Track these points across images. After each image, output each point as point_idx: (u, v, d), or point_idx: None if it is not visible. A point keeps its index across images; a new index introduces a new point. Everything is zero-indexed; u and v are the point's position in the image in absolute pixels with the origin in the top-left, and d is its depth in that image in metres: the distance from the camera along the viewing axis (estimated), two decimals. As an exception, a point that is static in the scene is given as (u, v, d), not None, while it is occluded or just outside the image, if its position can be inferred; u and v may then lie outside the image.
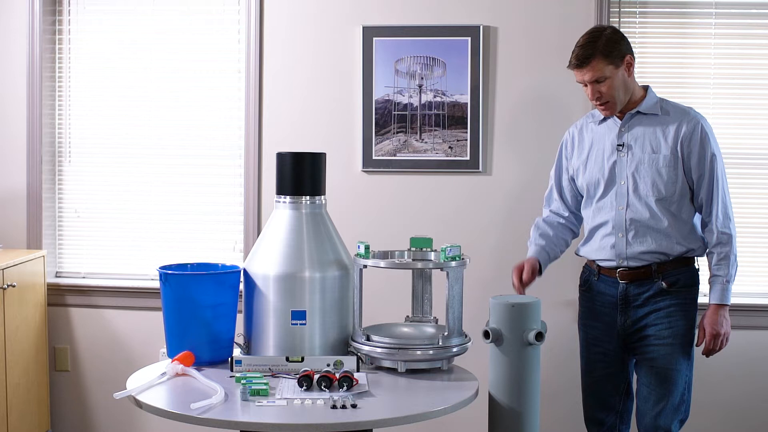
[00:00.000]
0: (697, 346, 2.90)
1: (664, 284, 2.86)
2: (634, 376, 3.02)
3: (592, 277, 3.01)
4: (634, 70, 2.92)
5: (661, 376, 2.85)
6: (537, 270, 3.03)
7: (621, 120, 2.93)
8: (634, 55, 2.92)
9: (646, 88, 2.97)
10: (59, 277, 4.07)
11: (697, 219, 2.92)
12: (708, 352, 2.89)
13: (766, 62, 3.70)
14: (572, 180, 3.08)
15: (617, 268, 2.91)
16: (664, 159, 2.85)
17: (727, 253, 2.84)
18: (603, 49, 2.83)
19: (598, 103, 2.89)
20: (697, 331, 2.91)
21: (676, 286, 2.87)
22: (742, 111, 3.71)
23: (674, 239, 2.86)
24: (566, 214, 3.13)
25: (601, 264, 2.96)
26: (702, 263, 2.98)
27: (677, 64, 3.71)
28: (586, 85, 2.89)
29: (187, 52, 3.94)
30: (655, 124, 2.89)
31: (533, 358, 2.57)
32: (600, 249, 2.95)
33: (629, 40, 2.94)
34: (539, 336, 2.54)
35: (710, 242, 2.87)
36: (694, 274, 2.93)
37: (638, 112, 2.91)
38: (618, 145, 2.91)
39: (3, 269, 3.54)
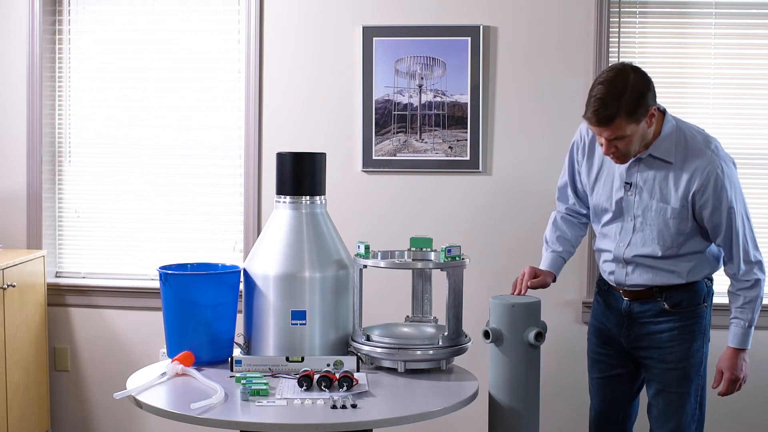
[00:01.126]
0: (713, 387, 2.78)
1: (666, 305, 2.72)
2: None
3: (603, 286, 2.91)
4: None
5: (667, 399, 2.75)
6: (547, 284, 2.89)
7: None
8: (655, 93, 2.59)
9: (663, 112, 2.67)
10: (59, 277, 4.07)
11: (712, 249, 2.75)
12: (724, 394, 2.77)
13: (766, 62, 3.70)
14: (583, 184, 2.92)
15: (620, 286, 2.80)
16: (673, 211, 2.64)
17: (754, 298, 2.68)
18: (627, 108, 2.50)
19: (611, 156, 2.64)
20: (703, 349, 2.78)
21: (680, 306, 2.72)
22: (742, 111, 3.71)
23: (677, 274, 2.70)
24: (584, 211, 2.95)
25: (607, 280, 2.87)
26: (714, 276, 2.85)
27: (677, 64, 3.71)
28: (600, 134, 2.60)
29: (187, 52, 3.94)
30: (667, 169, 2.65)
31: (533, 358, 2.57)
32: (603, 270, 2.85)
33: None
34: (539, 336, 2.54)
35: (734, 285, 2.71)
36: (701, 291, 2.75)
37: (650, 155, 2.66)
38: (626, 182, 2.71)
39: (3, 269, 3.54)
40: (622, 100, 2.50)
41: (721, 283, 2.89)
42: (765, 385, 3.71)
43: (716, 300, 2.86)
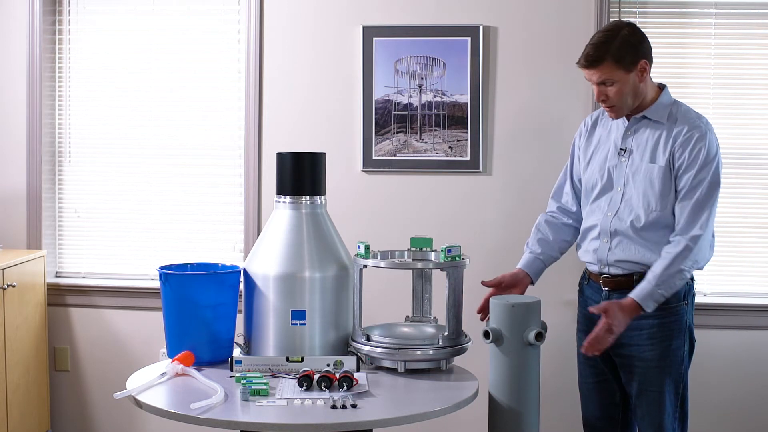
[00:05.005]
0: (589, 312, 2.72)
1: None
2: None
3: (584, 281, 2.93)
4: (650, 73, 2.75)
5: (650, 398, 2.74)
6: (503, 282, 2.91)
7: (629, 122, 2.80)
8: (652, 58, 2.74)
9: (662, 88, 2.79)
10: (59, 277, 4.07)
11: None
12: (590, 345, 2.66)
13: (766, 62, 3.70)
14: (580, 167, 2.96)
15: (601, 274, 2.80)
16: (659, 170, 2.69)
17: (673, 258, 2.61)
18: (615, 53, 2.66)
19: (604, 105, 2.76)
20: (684, 347, 2.74)
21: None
22: (742, 111, 3.71)
23: (659, 253, 2.68)
24: (574, 209, 2.98)
25: (589, 268, 2.88)
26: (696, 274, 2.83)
27: (677, 64, 3.71)
28: (594, 84, 2.75)
29: (187, 52, 3.94)
30: (660, 131, 2.73)
31: (533, 358, 2.57)
32: (586, 252, 2.86)
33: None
34: (539, 336, 2.54)
35: (667, 245, 2.67)
36: (683, 287, 2.72)
37: (644, 117, 2.76)
38: (621, 149, 2.79)
39: (3, 269, 3.54)
40: (611, 45, 2.67)
41: (702, 282, 2.86)
42: (765, 386, 3.70)
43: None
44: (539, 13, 3.71)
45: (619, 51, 2.67)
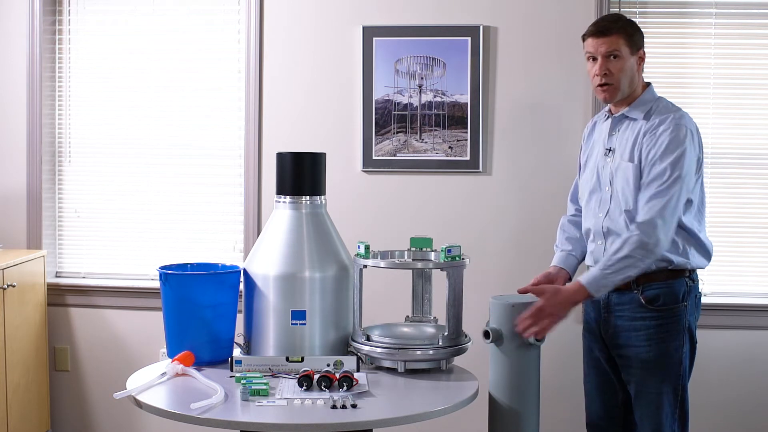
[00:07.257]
0: (519, 292, 2.67)
1: (642, 299, 2.69)
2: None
3: None
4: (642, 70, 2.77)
5: (648, 398, 2.73)
6: (562, 279, 2.88)
7: (612, 121, 2.80)
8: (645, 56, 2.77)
9: (647, 85, 2.79)
10: (59, 277, 4.07)
11: (689, 228, 2.70)
12: (524, 326, 2.55)
13: (766, 62, 3.70)
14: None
15: None
16: (633, 168, 2.67)
17: (621, 244, 2.58)
18: (626, 27, 2.72)
19: (602, 81, 2.71)
20: (683, 349, 2.70)
21: (657, 303, 2.68)
22: (742, 111, 3.71)
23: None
24: None
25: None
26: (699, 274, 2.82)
27: (677, 64, 3.71)
28: (594, 60, 2.71)
29: (187, 52, 3.94)
30: (638, 129, 2.71)
31: (533, 358, 2.57)
32: (589, 254, 2.86)
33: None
34: (539, 336, 2.54)
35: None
36: (681, 289, 2.70)
37: (624, 116, 2.77)
38: (607, 149, 2.79)
39: (3, 269, 3.54)
40: (621, 21, 2.76)
41: (702, 282, 2.83)
42: (765, 386, 3.70)
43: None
44: (539, 13, 3.71)
45: (628, 26, 2.74)
